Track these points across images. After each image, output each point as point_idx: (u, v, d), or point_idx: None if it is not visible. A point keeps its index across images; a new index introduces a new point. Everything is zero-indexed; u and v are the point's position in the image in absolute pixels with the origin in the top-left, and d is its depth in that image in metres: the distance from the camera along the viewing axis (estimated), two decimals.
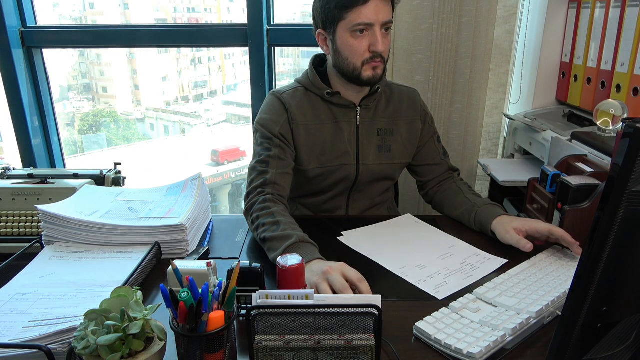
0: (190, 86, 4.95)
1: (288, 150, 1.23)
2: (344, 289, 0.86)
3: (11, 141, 2.07)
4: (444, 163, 1.38)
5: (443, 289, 0.94)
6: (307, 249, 0.99)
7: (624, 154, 0.48)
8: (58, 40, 2.01)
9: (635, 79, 1.36)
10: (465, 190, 1.29)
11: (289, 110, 1.24)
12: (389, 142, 1.31)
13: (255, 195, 1.16)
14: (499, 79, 1.86)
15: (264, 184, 1.18)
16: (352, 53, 1.17)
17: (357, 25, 1.13)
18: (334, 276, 0.88)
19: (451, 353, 0.73)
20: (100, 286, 0.90)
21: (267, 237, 1.05)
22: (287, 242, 1.00)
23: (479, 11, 1.70)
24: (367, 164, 1.30)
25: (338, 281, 0.87)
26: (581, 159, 1.24)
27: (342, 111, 1.27)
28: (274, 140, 1.22)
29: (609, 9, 1.49)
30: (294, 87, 1.30)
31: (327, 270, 0.89)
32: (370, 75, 1.19)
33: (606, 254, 0.52)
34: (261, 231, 1.07)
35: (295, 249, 0.98)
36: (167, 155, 5.17)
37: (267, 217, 1.09)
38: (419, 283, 0.97)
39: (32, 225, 1.14)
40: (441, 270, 1.01)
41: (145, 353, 0.66)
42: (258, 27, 1.88)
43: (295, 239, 1.00)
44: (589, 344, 0.60)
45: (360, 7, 1.11)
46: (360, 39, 1.15)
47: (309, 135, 1.25)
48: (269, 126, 1.23)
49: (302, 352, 0.66)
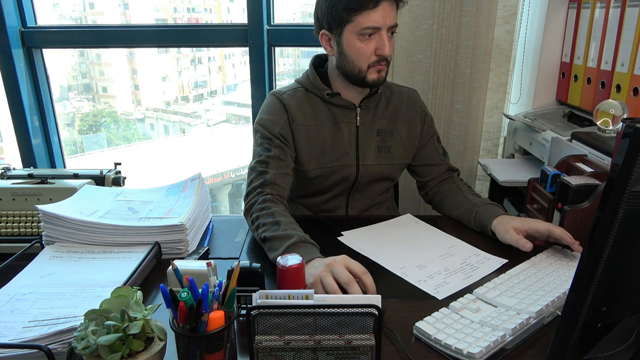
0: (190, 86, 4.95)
1: (288, 151, 1.23)
2: (349, 282, 0.86)
3: (11, 141, 2.07)
4: (443, 163, 1.38)
5: (443, 289, 0.94)
6: (308, 249, 0.99)
7: (624, 154, 0.48)
8: (58, 40, 2.01)
9: (635, 79, 1.36)
10: (465, 190, 1.29)
11: (289, 111, 1.24)
12: (388, 142, 1.32)
13: (255, 195, 1.16)
14: (499, 79, 1.86)
15: (264, 184, 1.18)
16: (358, 56, 1.17)
17: (365, 29, 1.13)
18: (338, 269, 0.88)
19: (451, 353, 0.73)
20: (100, 286, 0.90)
21: (268, 236, 1.05)
22: (288, 242, 1.00)
23: (479, 11, 1.70)
24: (367, 164, 1.30)
25: (342, 274, 0.87)
26: (581, 159, 1.24)
27: (342, 112, 1.28)
28: (273, 140, 1.22)
29: (609, 9, 1.49)
30: (294, 87, 1.29)
31: (331, 263, 0.89)
32: (375, 78, 1.19)
33: (606, 254, 0.52)
34: (261, 231, 1.07)
35: (296, 249, 0.98)
36: (167, 155, 5.16)
37: (267, 217, 1.09)
38: (419, 283, 0.97)
39: (32, 225, 1.14)
40: (441, 270, 1.01)
41: (145, 353, 0.66)
42: (258, 27, 1.88)
43: (295, 238, 1.00)
44: (589, 344, 0.60)
45: (369, 11, 1.12)
46: (367, 42, 1.15)
47: (309, 135, 1.25)
48: (269, 126, 1.23)
49: (302, 352, 0.66)
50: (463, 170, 1.90)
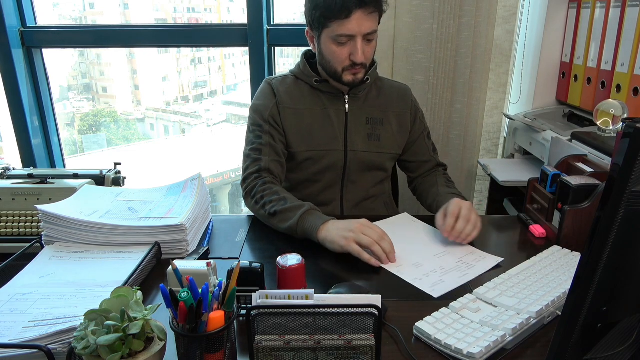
0: (190, 86, 4.94)
1: (277, 135, 1.29)
2: (371, 244, 1.01)
3: (11, 141, 2.07)
4: (432, 160, 1.43)
5: (439, 287, 0.94)
6: (320, 215, 1.11)
7: (624, 154, 0.48)
8: (58, 40, 2.01)
9: (635, 79, 1.36)
10: (441, 183, 1.34)
11: (277, 95, 1.30)
12: (378, 131, 1.34)
13: (253, 179, 1.24)
14: (499, 79, 1.86)
15: (260, 170, 1.25)
16: (334, 59, 1.22)
17: (339, 37, 1.18)
18: (367, 230, 1.03)
19: (451, 353, 0.73)
20: (100, 286, 0.90)
21: (279, 210, 1.14)
22: (302, 210, 1.11)
23: (479, 11, 1.70)
24: (356, 150, 1.33)
25: (364, 239, 1.02)
26: (581, 159, 1.24)
27: (330, 99, 1.32)
28: (263, 126, 1.29)
29: (609, 9, 1.49)
30: (285, 74, 1.36)
31: (357, 228, 1.03)
32: (350, 80, 1.24)
33: (606, 254, 0.52)
34: (270, 207, 1.16)
35: (309, 216, 1.10)
36: (167, 155, 5.16)
37: (272, 195, 1.18)
38: (414, 281, 0.97)
39: (32, 225, 1.14)
40: (437, 268, 1.02)
41: (145, 353, 0.66)
42: (258, 27, 1.88)
43: (308, 206, 1.12)
44: (589, 344, 0.60)
45: (342, 20, 1.16)
46: (341, 47, 1.20)
47: (297, 119, 1.30)
48: (260, 111, 1.30)
49: (302, 352, 0.66)
50: (463, 170, 1.90)
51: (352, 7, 1.14)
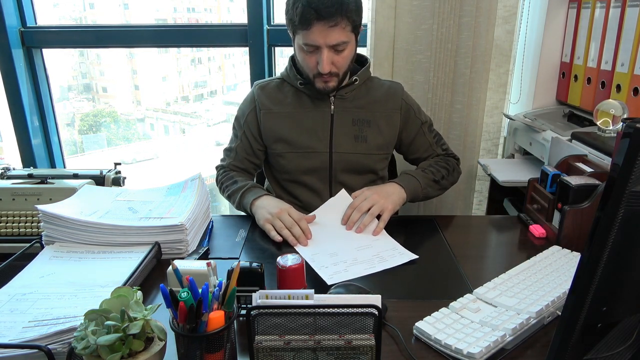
0: (190, 86, 4.93)
1: (252, 140, 1.37)
2: (291, 225, 1.13)
3: (11, 141, 2.07)
4: (435, 153, 1.43)
5: (338, 276, 0.98)
6: (257, 191, 1.26)
7: (624, 154, 0.48)
8: (58, 40, 2.01)
9: (635, 79, 1.36)
10: (422, 165, 1.38)
11: (256, 100, 1.35)
12: (365, 132, 1.35)
13: (222, 173, 1.39)
14: (499, 79, 1.86)
15: (229, 165, 1.40)
16: (304, 65, 1.26)
17: (306, 45, 1.21)
18: (283, 215, 1.15)
19: (451, 353, 0.73)
20: (100, 286, 0.90)
21: (229, 192, 1.31)
22: (244, 188, 1.27)
23: (479, 11, 1.70)
24: (341, 152, 1.33)
25: (286, 219, 1.14)
26: (581, 159, 1.24)
27: (315, 100, 1.33)
28: (238, 131, 1.39)
29: (609, 9, 1.49)
30: (272, 78, 1.40)
31: (277, 213, 1.15)
32: (322, 87, 1.26)
33: (606, 254, 0.52)
34: (226, 191, 1.33)
35: (247, 192, 1.26)
36: (167, 155, 5.15)
37: (228, 180, 1.34)
38: (320, 269, 1.01)
39: (32, 225, 1.14)
40: (349, 259, 1.05)
41: (145, 353, 0.66)
42: (258, 27, 1.88)
43: (249, 184, 1.28)
44: (589, 344, 0.60)
45: (305, 31, 1.18)
46: (309, 55, 1.23)
47: (278, 122, 1.33)
48: (238, 116, 1.40)
49: (302, 352, 0.66)
50: (463, 171, 1.89)
51: (311, 18, 1.15)
